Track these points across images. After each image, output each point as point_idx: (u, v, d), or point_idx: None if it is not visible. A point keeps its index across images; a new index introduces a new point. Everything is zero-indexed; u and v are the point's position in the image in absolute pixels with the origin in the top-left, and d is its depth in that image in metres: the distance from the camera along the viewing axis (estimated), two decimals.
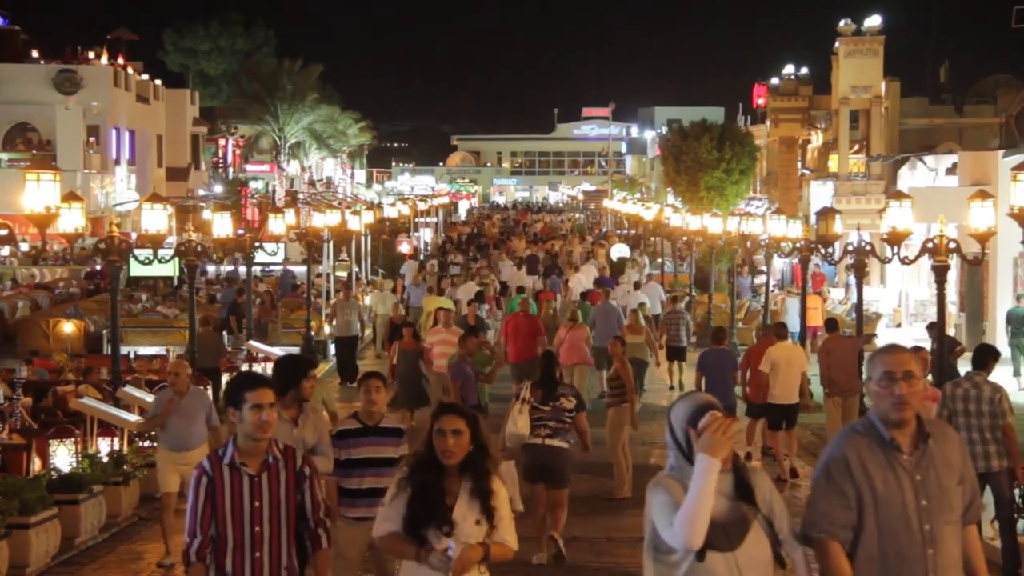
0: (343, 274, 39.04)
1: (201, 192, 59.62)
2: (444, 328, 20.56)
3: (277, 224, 30.52)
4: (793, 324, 25.22)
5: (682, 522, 5.17)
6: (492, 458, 6.34)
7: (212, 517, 6.36)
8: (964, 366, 21.97)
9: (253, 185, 68.76)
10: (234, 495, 6.37)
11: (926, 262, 18.99)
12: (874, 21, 40.38)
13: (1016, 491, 12.05)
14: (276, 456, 6.46)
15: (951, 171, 33.29)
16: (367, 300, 32.24)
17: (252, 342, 24.75)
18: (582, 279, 35.26)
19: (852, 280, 26.95)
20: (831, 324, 19.91)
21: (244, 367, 21.61)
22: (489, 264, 43.23)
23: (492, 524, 6.19)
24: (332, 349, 29.79)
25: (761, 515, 5.39)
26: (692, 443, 5.31)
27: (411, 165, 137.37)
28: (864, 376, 13.56)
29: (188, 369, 13.14)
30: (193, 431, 12.60)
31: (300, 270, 37.05)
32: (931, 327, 19.45)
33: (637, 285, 32.09)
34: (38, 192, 15.19)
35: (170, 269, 30.68)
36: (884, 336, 32.47)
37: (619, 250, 49.99)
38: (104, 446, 14.77)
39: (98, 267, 36.57)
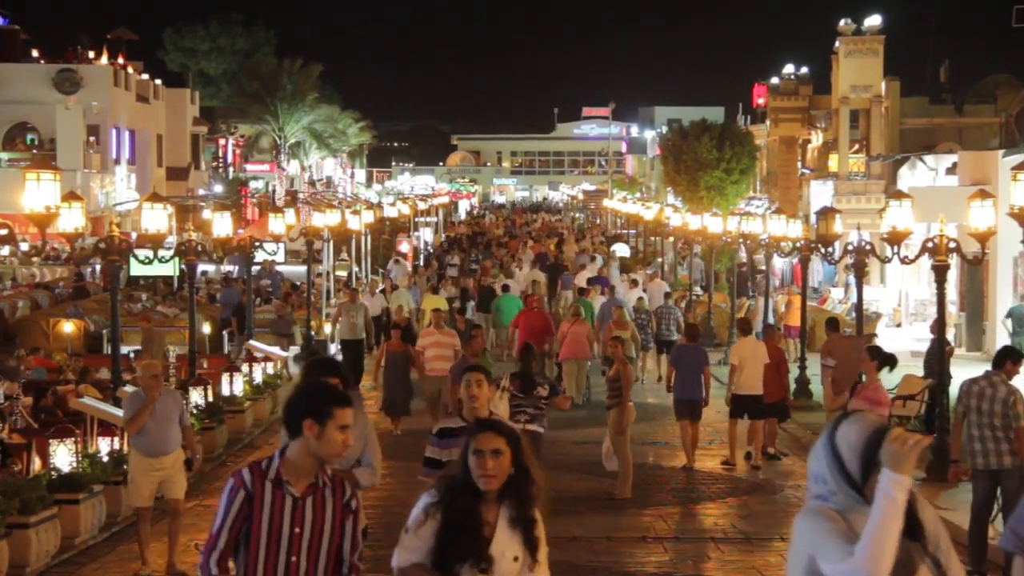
0: (343, 273, 39.04)
1: (201, 192, 59.62)
2: (437, 330, 20.28)
3: (277, 224, 30.53)
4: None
5: (867, 551, 4.28)
6: (535, 483, 5.55)
7: (242, 537, 5.53)
8: (964, 366, 22.06)
9: (253, 185, 68.81)
10: (273, 516, 5.51)
11: (926, 262, 19.03)
12: (874, 21, 40.38)
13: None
14: (325, 481, 5.61)
15: (951, 171, 33.28)
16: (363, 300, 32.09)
17: (252, 342, 24.73)
18: (586, 276, 36.13)
19: (852, 280, 26.95)
20: (832, 324, 19.94)
21: (244, 367, 21.57)
22: (497, 264, 43.20)
23: (535, 559, 5.49)
24: (332, 350, 29.75)
25: (928, 555, 4.57)
26: (865, 474, 4.46)
27: (411, 165, 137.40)
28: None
29: (160, 369, 13.07)
30: (170, 435, 12.28)
31: (300, 270, 37.04)
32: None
33: (635, 283, 32.33)
34: (38, 192, 15.19)
35: (170, 269, 30.68)
36: (884, 336, 32.48)
37: (620, 249, 50.15)
38: (104, 446, 14.76)
39: (79, 272, 36.59)
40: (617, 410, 16.22)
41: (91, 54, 52.67)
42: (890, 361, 13.59)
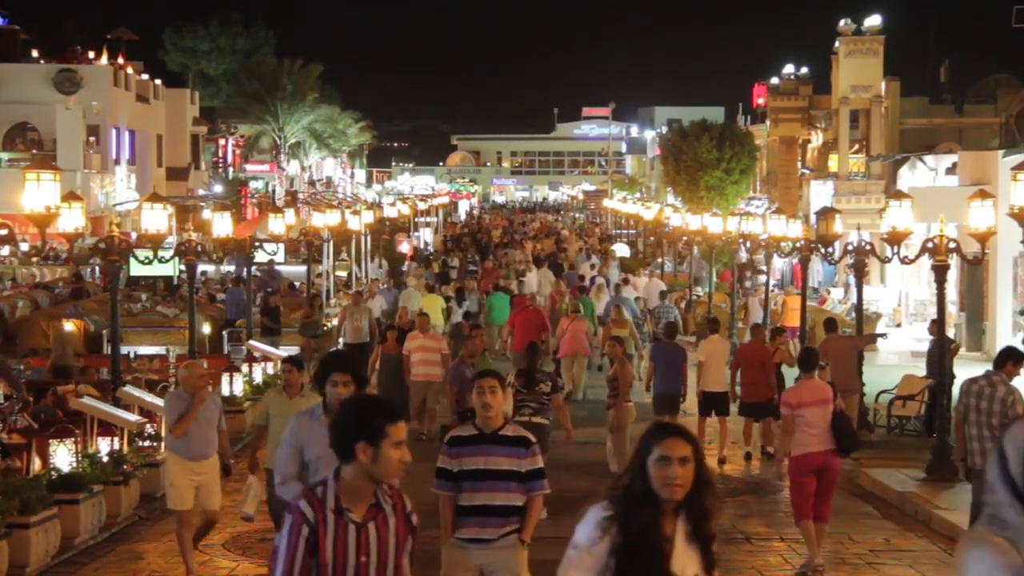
0: (343, 274, 39.04)
1: (201, 192, 59.61)
2: (422, 334, 19.75)
3: (277, 224, 30.53)
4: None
5: None
6: (715, 495, 5.12)
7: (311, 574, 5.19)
8: (964, 366, 22.05)
9: (253, 185, 68.78)
10: (337, 547, 5.19)
11: (926, 262, 19.04)
12: (874, 21, 40.39)
13: None
14: (384, 500, 5.29)
15: (951, 171, 33.29)
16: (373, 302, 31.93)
17: (252, 342, 24.73)
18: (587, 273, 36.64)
19: (852, 280, 26.95)
20: (830, 324, 19.95)
21: (244, 367, 21.56)
22: (499, 265, 43.22)
23: None
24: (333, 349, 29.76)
25: None
26: None
27: (411, 165, 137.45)
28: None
29: (204, 369, 12.73)
30: (211, 438, 11.97)
31: (300, 270, 37.04)
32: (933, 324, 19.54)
33: (626, 281, 32.56)
34: (38, 192, 15.19)
35: (170, 269, 30.66)
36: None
37: (620, 249, 50.18)
38: (104, 446, 14.76)
39: (78, 273, 36.54)
40: (615, 410, 16.28)
41: (91, 54, 52.66)
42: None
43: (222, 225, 24.10)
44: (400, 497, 5.36)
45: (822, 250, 22.34)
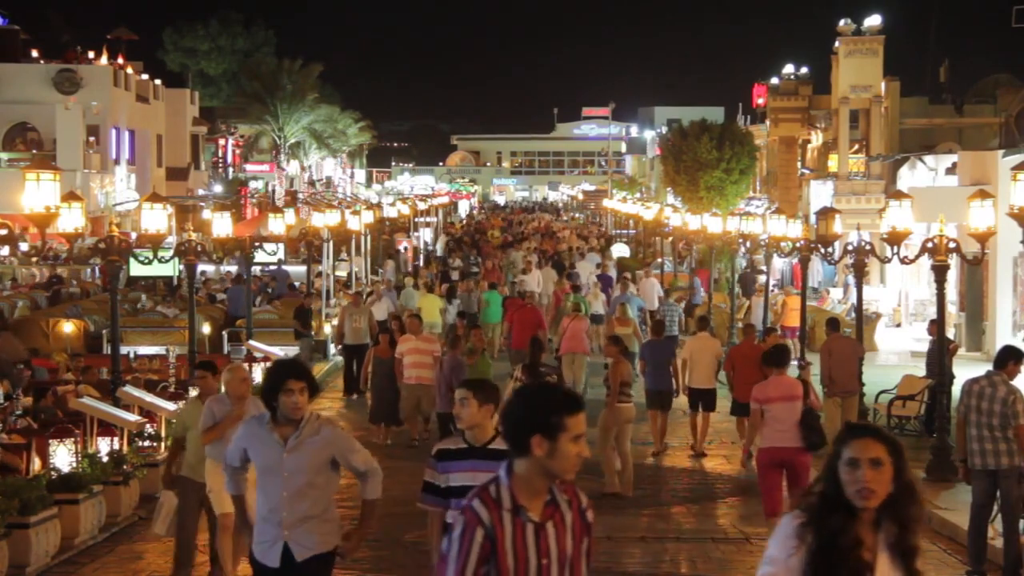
0: (343, 274, 39.04)
1: (201, 192, 59.58)
2: (414, 336, 19.39)
3: (277, 224, 30.53)
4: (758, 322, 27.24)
5: None
6: (920, 503, 4.71)
7: None
8: (964, 366, 22.05)
9: (253, 185, 68.74)
10: (517, 551, 4.80)
11: (926, 262, 19.03)
12: (874, 21, 40.39)
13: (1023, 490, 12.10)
14: (559, 496, 4.98)
15: (951, 171, 33.29)
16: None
17: (252, 342, 24.72)
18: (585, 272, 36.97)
19: (852, 280, 26.94)
20: (833, 324, 19.95)
21: (244, 367, 21.48)
22: (500, 266, 43.26)
23: None
24: (332, 350, 29.76)
25: None
26: None
27: (411, 165, 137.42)
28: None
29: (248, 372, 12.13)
30: None
31: (300, 270, 37.05)
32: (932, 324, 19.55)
33: (627, 280, 32.71)
34: (38, 192, 15.19)
35: (170, 269, 30.66)
36: (884, 335, 32.49)
37: (619, 249, 50.17)
38: (104, 446, 14.76)
39: (58, 275, 36.39)
40: (606, 410, 16.43)
41: (91, 54, 52.65)
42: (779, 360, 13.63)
43: (222, 225, 24.10)
44: (575, 493, 5.04)
45: (822, 250, 22.33)
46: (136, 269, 27.92)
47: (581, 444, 4.85)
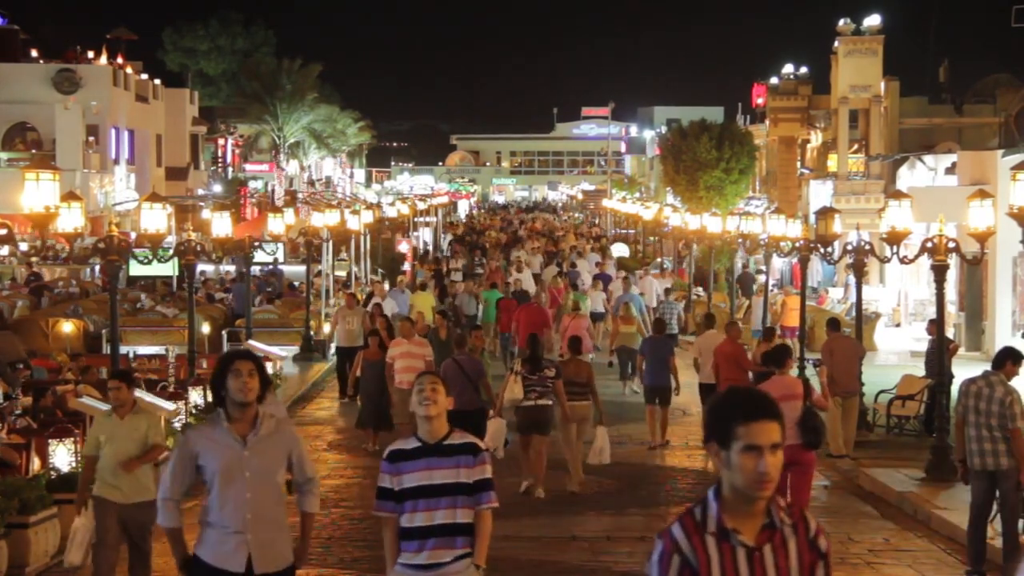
0: (342, 273, 39.03)
1: (200, 192, 59.59)
2: (407, 340, 18.82)
3: (276, 224, 30.54)
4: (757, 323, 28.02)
5: None
6: None
7: None
8: (963, 366, 22.04)
9: (252, 185, 68.73)
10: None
11: (925, 261, 19.03)
12: (873, 21, 40.38)
13: (1022, 493, 12.09)
14: (782, 518, 4.36)
15: (950, 171, 33.30)
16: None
17: (251, 342, 24.72)
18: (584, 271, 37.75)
19: (852, 280, 26.94)
20: (833, 324, 19.94)
21: None
22: (502, 267, 43.31)
23: None
24: (332, 349, 29.76)
25: None
26: None
27: (410, 165, 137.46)
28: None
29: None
30: None
31: (299, 270, 37.05)
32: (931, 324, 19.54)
33: (627, 280, 32.79)
34: (37, 192, 15.18)
35: (169, 269, 30.66)
36: (883, 335, 32.51)
37: (618, 249, 50.21)
38: None
39: (36, 272, 36.31)
40: (559, 408, 16.57)
41: (91, 54, 52.65)
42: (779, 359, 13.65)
43: (221, 225, 24.11)
44: (802, 516, 4.41)
45: (821, 250, 22.32)
46: (136, 269, 27.95)
47: (761, 459, 4.21)
